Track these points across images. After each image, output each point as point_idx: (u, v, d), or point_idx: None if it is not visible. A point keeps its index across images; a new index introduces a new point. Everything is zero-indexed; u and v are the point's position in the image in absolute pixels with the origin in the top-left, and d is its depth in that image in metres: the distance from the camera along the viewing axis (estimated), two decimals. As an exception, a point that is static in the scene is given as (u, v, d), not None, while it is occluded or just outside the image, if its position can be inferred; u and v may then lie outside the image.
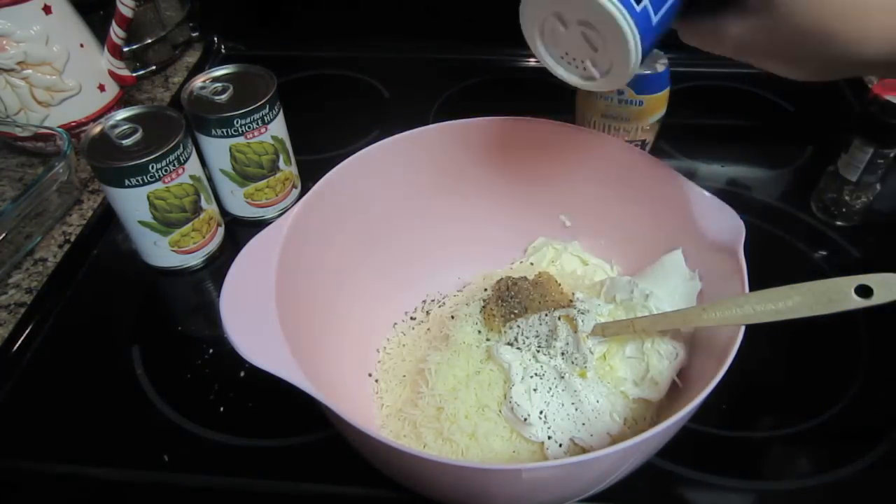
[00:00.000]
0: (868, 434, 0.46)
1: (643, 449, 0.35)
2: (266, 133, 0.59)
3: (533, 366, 0.44)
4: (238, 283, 0.38)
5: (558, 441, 0.41)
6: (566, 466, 0.32)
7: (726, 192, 0.63)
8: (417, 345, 0.51)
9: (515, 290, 0.48)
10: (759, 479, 0.45)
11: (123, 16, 0.69)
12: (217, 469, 0.46)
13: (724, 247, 0.42)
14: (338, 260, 0.48)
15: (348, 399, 0.45)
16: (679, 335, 0.44)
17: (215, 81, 0.59)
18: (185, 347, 0.54)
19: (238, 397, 0.50)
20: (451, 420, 0.43)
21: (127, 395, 0.51)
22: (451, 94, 0.82)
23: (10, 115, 0.67)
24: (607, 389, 0.43)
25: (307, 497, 0.45)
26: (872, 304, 0.33)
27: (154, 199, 0.54)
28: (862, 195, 0.60)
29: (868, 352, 0.51)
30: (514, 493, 0.35)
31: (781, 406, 0.49)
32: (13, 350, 0.54)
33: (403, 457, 0.32)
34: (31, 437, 0.49)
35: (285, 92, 0.60)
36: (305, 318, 0.42)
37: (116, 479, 0.46)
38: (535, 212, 0.55)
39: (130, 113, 0.56)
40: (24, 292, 0.58)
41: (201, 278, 0.61)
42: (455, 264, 0.55)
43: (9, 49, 0.63)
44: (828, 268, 0.59)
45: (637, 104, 0.60)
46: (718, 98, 0.82)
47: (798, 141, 0.73)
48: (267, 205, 0.64)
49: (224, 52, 0.92)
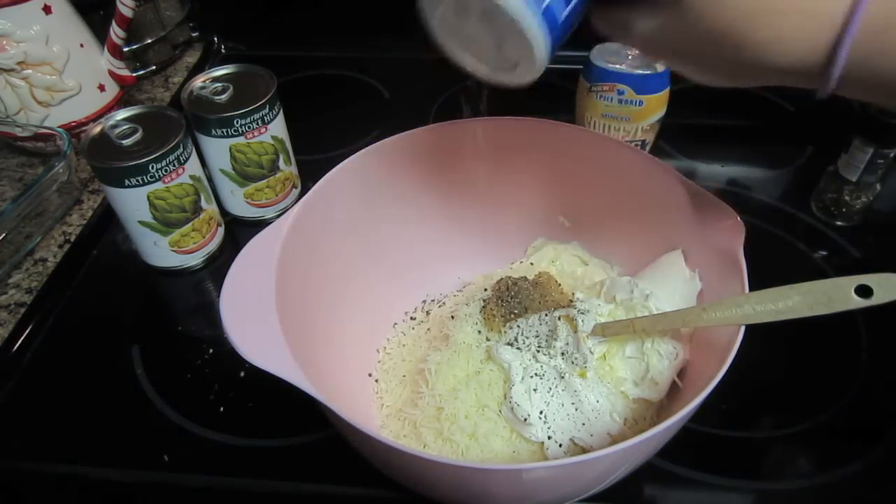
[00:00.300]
0: (868, 434, 0.46)
1: (643, 449, 0.35)
2: (266, 133, 0.59)
3: (533, 366, 0.44)
4: (238, 283, 0.38)
5: (558, 441, 0.41)
6: (566, 466, 0.32)
7: (726, 192, 0.64)
8: (417, 345, 0.51)
9: (515, 290, 0.48)
10: (759, 479, 0.45)
11: (123, 16, 0.69)
12: (217, 469, 0.46)
13: (724, 247, 0.42)
14: (337, 260, 0.48)
15: (348, 399, 0.45)
16: (679, 335, 0.44)
17: (215, 81, 0.59)
18: (185, 347, 0.54)
19: (238, 397, 0.50)
20: (451, 420, 0.43)
21: (127, 395, 0.51)
22: (451, 94, 0.82)
23: (10, 115, 0.67)
24: (607, 389, 0.43)
25: (307, 497, 0.45)
26: (872, 304, 0.33)
27: (154, 199, 0.54)
28: (862, 195, 0.60)
29: (868, 352, 0.51)
30: (514, 493, 0.35)
31: (781, 406, 0.49)
32: (13, 350, 0.54)
33: (403, 457, 0.32)
34: (31, 437, 0.49)
35: (285, 92, 0.60)
36: (305, 318, 0.42)
37: (116, 479, 0.46)
38: (535, 212, 0.55)
39: (130, 113, 0.56)
40: (24, 292, 0.58)
41: (201, 278, 0.61)
42: (455, 264, 0.55)
43: (9, 49, 0.63)
44: (828, 268, 0.59)
45: (637, 104, 0.60)
46: (718, 98, 0.81)
47: (798, 141, 0.73)
48: (267, 205, 0.64)
49: (224, 52, 0.92)
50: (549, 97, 0.57)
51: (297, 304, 0.41)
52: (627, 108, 0.61)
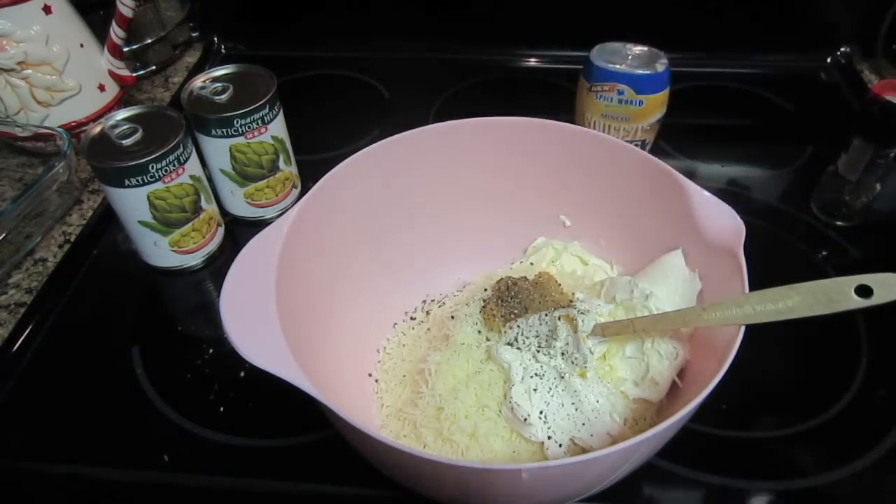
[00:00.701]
0: (868, 434, 0.46)
1: (643, 449, 0.35)
2: (266, 133, 0.59)
3: (533, 366, 0.44)
4: (238, 283, 0.38)
5: (558, 441, 0.41)
6: (566, 466, 0.32)
7: (726, 192, 0.64)
8: (417, 345, 0.51)
9: (515, 290, 0.48)
10: (759, 479, 0.45)
11: (123, 16, 0.69)
12: (217, 469, 0.46)
13: (724, 247, 0.42)
14: (338, 260, 0.48)
15: (348, 399, 0.45)
16: (679, 335, 0.44)
17: (215, 81, 0.59)
18: (185, 347, 0.54)
19: (238, 397, 0.50)
20: (451, 420, 0.43)
21: (127, 395, 0.51)
22: (451, 94, 0.82)
23: (10, 115, 0.67)
24: (607, 389, 0.43)
25: (307, 497, 0.45)
26: (872, 304, 0.33)
27: (154, 199, 0.54)
28: (862, 195, 0.60)
29: (868, 352, 0.51)
30: (515, 493, 0.35)
31: (781, 406, 0.49)
32: (13, 350, 0.54)
33: (403, 457, 0.32)
34: (31, 437, 0.49)
35: (285, 92, 0.60)
36: (305, 318, 0.42)
37: (116, 479, 0.46)
38: (535, 212, 0.55)
39: (130, 113, 0.56)
40: (24, 292, 0.58)
41: (201, 278, 0.61)
42: (455, 264, 0.55)
43: (9, 49, 0.63)
44: (828, 268, 0.59)
45: (637, 104, 0.60)
46: (718, 98, 0.82)
47: (798, 141, 0.73)
48: (267, 205, 0.64)
49: (224, 52, 0.92)
50: (549, 97, 0.57)
51: (297, 304, 0.41)
52: (627, 108, 0.61)
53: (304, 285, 0.43)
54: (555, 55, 0.86)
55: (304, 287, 0.43)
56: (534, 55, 0.87)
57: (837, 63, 0.85)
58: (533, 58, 0.87)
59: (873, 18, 0.80)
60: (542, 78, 0.84)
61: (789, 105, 0.79)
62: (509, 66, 0.87)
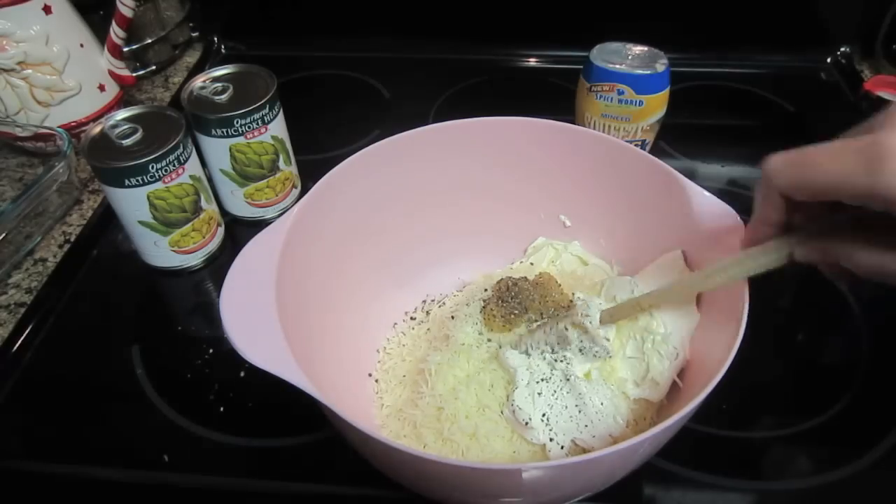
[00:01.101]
0: (868, 434, 0.46)
1: (643, 449, 0.35)
2: (266, 133, 0.59)
3: (540, 370, 0.44)
4: (238, 284, 0.38)
5: (560, 443, 0.41)
6: (566, 466, 0.32)
7: (726, 192, 0.63)
8: (417, 345, 0.51)
9: (515, 290, 0.48)
10: (759, 479, 0.45)
11: (123, 16, 0.69)
12: (217, 469, 0.46)
13: (724, 247, 0.42)
14: (338, 260, 0.48)
15: (348, 399, 0.45)
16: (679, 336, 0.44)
17: (215, 81, 0.59)
18: (185, 347, 0.54)
19: (238, 397, 0.50)
20: (451, 420, 0.43)
21: (127, 395, 0.51)
22: (451, 94, 0.82)
23: (10, 115, 0.67)
24: (612, 392, 0.43)
25: (307, 497, 0.45)
26: None
27: (154, 199, 0.54)
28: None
29: (868, 352, 0.51)
30: (515, 494, 0.35)
31: (781, 406, 0.49)
32: (13, 350, 0.54)
33: (403, 457, 0.32)
34: (31, 437, 0.49)
35: (285, 92, 0.60)
36: (305, 318, 0.42)
37: (116, 479, 0.46)
38: (535, 212, 0.55)
39: (130, 113, 0.56)
40: (24, 292, 0.58)
41: (201, 278, 0.61)
42: (455, 264, 0.55)
43: (9, 49, 0.63)
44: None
45: (637, 104, 0.60)
46: (718, 98, 0.82)
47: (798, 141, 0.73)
48: (267, 205, 0.64)
49: (224, 52, 0.92)
50: (549, 97, 0.57)
51: (297, 304, 0.41)
52: (627, 108, 0.61)
53: (304, 285, 0.43)
54: (555, 55, 0.86)
55: (305, 287, 0.43)
56: (534, 55, 0.87)
57: (837, 63, 0.85)
58: (533, 58, 0.87)
59: (873, 18, 0.80)
60: (542, 78, 0.84)
61: (789, 105, 0.79)
62: (509, 66, 0.87)
